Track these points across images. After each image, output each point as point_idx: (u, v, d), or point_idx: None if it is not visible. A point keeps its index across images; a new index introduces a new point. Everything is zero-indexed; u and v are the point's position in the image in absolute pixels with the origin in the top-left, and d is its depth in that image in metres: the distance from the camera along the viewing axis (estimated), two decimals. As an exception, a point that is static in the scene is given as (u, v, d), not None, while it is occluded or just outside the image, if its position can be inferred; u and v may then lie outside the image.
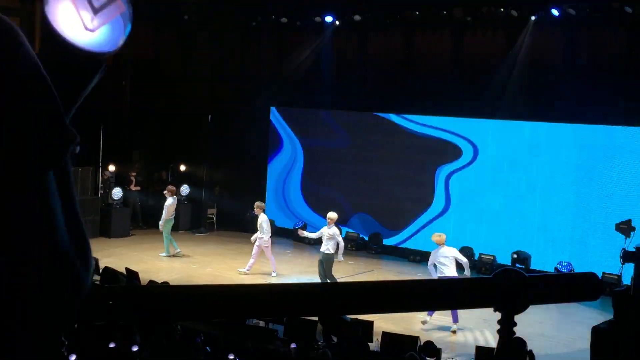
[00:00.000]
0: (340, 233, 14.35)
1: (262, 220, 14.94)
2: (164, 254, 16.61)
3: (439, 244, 12.41)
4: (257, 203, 15.47)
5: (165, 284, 11.80)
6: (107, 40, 1.31)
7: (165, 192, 17.07)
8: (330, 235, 13.63)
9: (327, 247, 13.61)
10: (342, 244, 13.75)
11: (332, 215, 13.99)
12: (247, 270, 15.13)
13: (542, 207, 16.55)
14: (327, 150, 19.77)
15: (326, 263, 13.60)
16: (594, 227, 15.90)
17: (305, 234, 15.00)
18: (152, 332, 8.53)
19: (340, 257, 13.78)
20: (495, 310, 2.03)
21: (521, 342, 9.19)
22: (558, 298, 2.42)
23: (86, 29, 1.28)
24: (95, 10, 1.30)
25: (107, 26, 1.31)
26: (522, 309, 1.93)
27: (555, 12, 15.83)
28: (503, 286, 1.94)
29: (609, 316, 12.68)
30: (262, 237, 14.88)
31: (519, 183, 16.80)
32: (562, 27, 16.16)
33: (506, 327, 1.95)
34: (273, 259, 15.23)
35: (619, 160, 15.61)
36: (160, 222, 16.61)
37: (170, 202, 16.71)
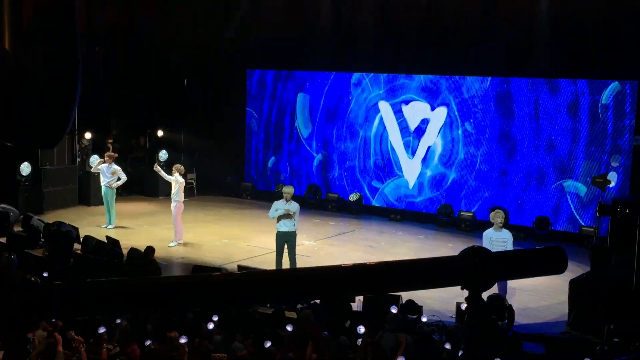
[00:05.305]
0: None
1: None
2: (111, 226, 16.02)
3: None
4: (288, 189, 12.81)
5: (151, 249, 11.80)
6: None
7: (107, 158, 16.21)
8: (293, 212, 12.33)
9: (292, 224, 12.37)
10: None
11: (290, 189, 12.72)
12: None
13: (522, 162, 16.70)
14: (304, 110, 19.72)
15: (293, 242, 12.47)
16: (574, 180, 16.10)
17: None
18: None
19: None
20: (462, 289, 2.07)
21: (500, 298, 9.26)
22: (524, 274, 2.48)
23: None
24: None
25: None
26: (488, 286, 1.97)
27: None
28: (469, 265, 1.96)
29: (586, 269, 12.76)
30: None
31: (499, 138, 16.90)
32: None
33: (473, 305, 1.99)
34: None
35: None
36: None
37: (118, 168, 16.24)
